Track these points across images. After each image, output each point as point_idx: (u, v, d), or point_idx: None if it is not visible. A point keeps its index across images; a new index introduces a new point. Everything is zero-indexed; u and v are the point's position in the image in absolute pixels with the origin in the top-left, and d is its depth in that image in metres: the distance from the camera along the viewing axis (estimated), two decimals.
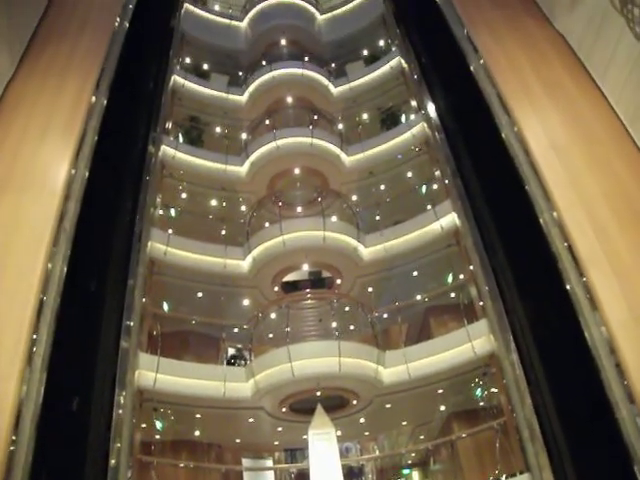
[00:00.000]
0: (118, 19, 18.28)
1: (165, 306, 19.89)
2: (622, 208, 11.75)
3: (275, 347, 18.11)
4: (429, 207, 20.60)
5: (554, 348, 13.07)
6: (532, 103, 14.10)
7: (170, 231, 19.82)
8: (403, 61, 24.46)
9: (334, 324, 19.14)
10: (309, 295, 20.86)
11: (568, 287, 12.06)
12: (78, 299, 12.95)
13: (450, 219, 19.27)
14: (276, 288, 21.89)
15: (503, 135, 14.81)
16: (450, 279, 20.29)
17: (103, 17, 17.98)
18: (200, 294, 20.70)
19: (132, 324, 15.04)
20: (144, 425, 16.43)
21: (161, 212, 20.76)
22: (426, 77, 21.82)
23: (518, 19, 16.39)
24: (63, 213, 12.93)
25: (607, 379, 10.97)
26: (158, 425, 17.74)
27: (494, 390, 17.18)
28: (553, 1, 15.93)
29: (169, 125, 22.84)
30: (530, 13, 16.58)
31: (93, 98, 15.26)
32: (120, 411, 13.49)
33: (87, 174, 14.29)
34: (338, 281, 22.21)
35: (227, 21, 29.69)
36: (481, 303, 16.65)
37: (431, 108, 21.01)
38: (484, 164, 17.41)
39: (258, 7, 29.31)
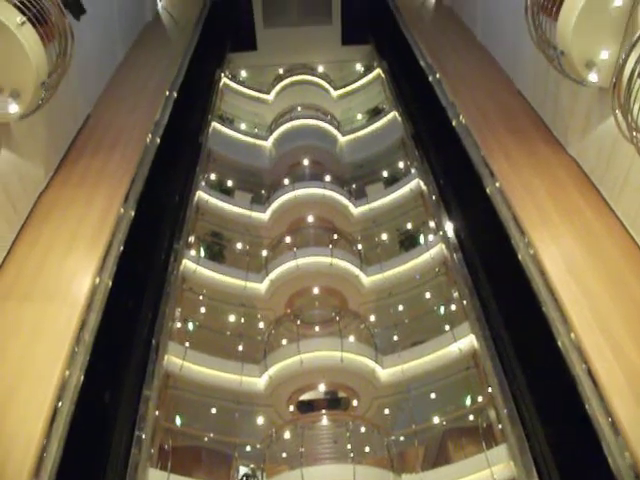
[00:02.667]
0: (150, 135, 19.03)
1: (178, 420, 19.59)
2: None
3: (289, 468, 17.68)
4: (447, 328, 20.51)
5: (577, 474, 12.65)
6: (548, 226, 14.29)
7: (187, 344, 19.82)
8: (422, 183, 24.96)
9: (349, 446, 18.71)
10: (324, 417, 20.51)
11: (589, 411, 11.82)
12: (92, 409, 12.88)
13: (468, 341, 19.14)
14: (291, 407, 21.57)
15: (520, 257, 14.94)
16: (468, 402, 19.91)
17: (136, 133, 18.76)
18: (214, 410, 20.41)
19: (144, 437, 14.79)
20: None
21: (179, 325, 20.84)
22: (444, 199, 22.17)
23: (532, 144, 16.85)
24: (83, 324, 13.03)
25: None
26: None
27: None
28: (565, 128, 16.42)
29: (192, 239, 23.23)
30: (544, 139, 17.05)
31: (121, 210, 15.70)
32: None
33: (110, 285, 14.51)
34: (354, 402, 21.86)
35: (252, 140, 30.83)
36: (500, 427, 16.26)
37: (449, 229, 21.24)
38: (502, 286, 17.44)
39: (282, 128, 30.49)
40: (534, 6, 14.16)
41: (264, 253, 25.42)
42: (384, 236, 27.15)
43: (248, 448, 20.16)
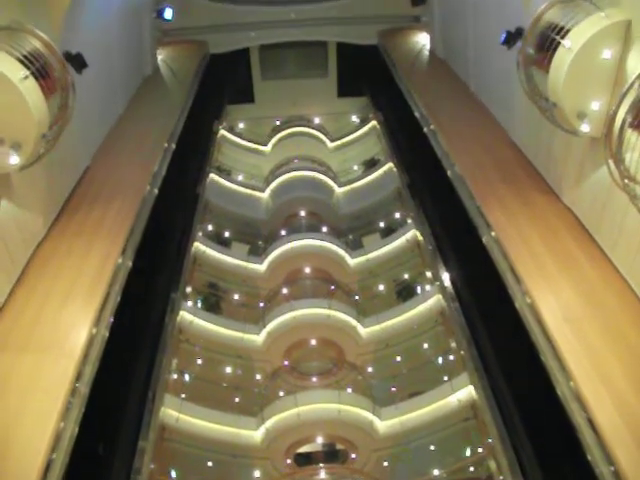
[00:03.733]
0: (148, 186, 19.14)
1: (173, 473, 19.30)
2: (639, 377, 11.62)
3: None
4: (445, 378, 20.40)
5: None
6: (544, 275, 14.28)
7: (183, 396, 19.66)
8: (418, 233, 25.06)
9: None
10: (322, 470, 20.28)
11: (591, 460, 11.66)
12: (86, 461, 12.69)
13: (467, 392, 19.01)
14: (289, 460, 21.32)
15: (517, 306, 14.92)
16: (468, 453, 19.69)
17: (135, 184, 18.84)
18: (210, 463, 20.14)
19: None
20: None
21: (176, 377, 20.68)
22: (440, 249, 22.26)
23: (527, 194, 16.96)
24: (79, 375, 12.91)
25: None
26: None
27: None
28: (559, 177, 16.57)
29: (189, 290, 23.19)
30: (538, 188, 17.18)
31: (119, 260, 15.71)
32: None
33: (106, 336, 14.42)
34: (353, 455, 21.62)
35: (249, 191, 30.97)
36: (501, 478, 16.04)
37: (446, 279, 21.26)
38: (499, 335, 17.41)
39: (279, 179, 30.76)
40: (526, 59, 14.47)
41: (261, 304, 25.38)
42: (381, 287, 27.15)
43: None
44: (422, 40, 31.52)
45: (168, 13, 28.88)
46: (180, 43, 32.46)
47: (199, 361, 22.95)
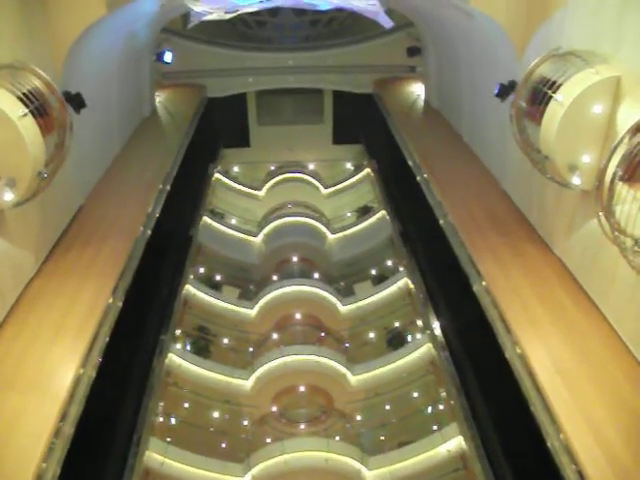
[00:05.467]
0: (142, 227, 19.13)
1: None
2: (631, 430, 11.50)
3: None
4: (435, 428, 20.24)
5: None
6: (534, 326, 14.25)
7: (169, 440, 19.40)
8: (410, 282, 25.04)
9: None
10: None
11: None
12: None
13: (457, 442, 18.83)
14: None
15: (507, 356, 14.89)
16: None
17: (128, 224, 18.84)
18: None
19: None
20: None
21: (162, 420, 20.43)
22: (431, 297, 22.24)
23: (518, 244, 17.05)
24: (64, 416, 12.75)
25: None
26: None
27: None
28: (551, 228, 16.69)
29: (178, 333, 23.03)
30: (529, 238, 17.30)
31: (110, 300, 15.62)
32: None
33: (93, 377, 14.26)
34: None
35: (242, 235, 31.02)
36: None
37: (436, 327, 21.19)
38: (490, 386, 17.31)
39: (272, 225, 30.87)
40: (518, 112, 14.69)
41: (251, 349, 25.24)
42: (371, 334, 27.08)
43: None
44: (417, 90, 32.02)
45: (168, 56, 29.42)
46: (179, 86, 32.96)
47: (186, 405, 22.75)
